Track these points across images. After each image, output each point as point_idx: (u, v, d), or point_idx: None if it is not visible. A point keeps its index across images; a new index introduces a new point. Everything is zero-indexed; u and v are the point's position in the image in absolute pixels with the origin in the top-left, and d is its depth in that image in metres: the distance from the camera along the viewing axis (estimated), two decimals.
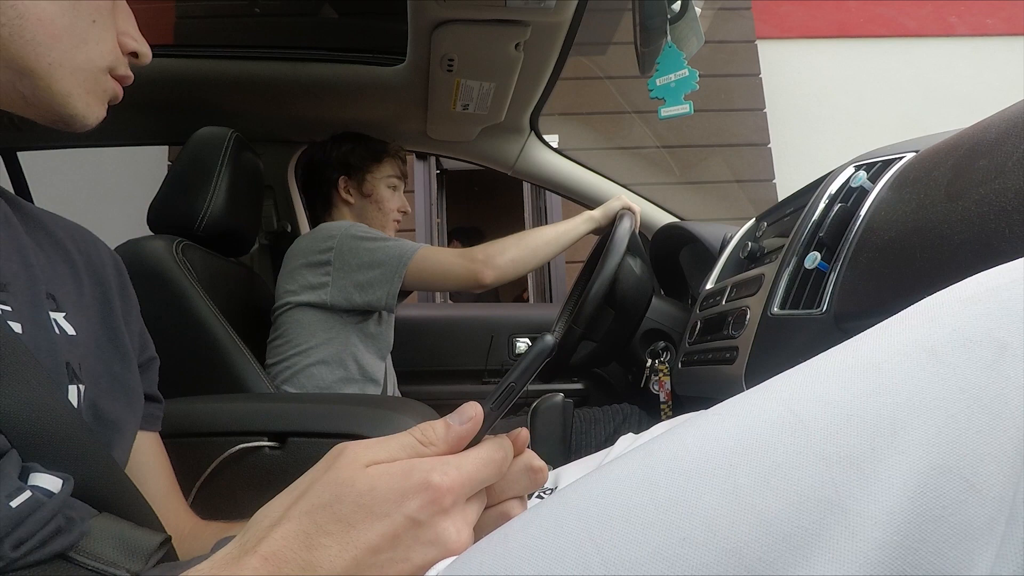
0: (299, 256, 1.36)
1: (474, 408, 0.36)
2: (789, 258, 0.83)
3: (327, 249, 1.32)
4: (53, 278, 0.54)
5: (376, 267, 1.30)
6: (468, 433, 0.35)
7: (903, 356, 0.27)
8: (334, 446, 0.34)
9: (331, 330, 1.33)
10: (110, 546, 0.44)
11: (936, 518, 0.23)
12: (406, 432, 0.35)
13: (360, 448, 0.33)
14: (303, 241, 1.40)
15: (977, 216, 0.50)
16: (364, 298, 1.31)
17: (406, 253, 1.31)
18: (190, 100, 1.61)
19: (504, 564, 0.27)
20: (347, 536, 0.30)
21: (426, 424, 0.35)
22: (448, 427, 0.35)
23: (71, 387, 0.50)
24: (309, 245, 1.36)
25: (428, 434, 0.35)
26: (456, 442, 0.35)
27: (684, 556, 0.24)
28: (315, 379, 1.32)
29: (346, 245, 1.31)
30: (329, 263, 1.31)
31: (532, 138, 1.78)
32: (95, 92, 0.51)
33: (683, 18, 1.20)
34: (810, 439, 0.25)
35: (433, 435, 0.35)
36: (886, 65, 3.99)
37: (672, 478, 0.26)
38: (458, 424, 0.35)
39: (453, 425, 0.35)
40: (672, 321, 1.30)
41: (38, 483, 0.42)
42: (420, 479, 0.31)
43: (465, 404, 0.36)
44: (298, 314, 1.34)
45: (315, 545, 0.30)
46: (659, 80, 1.21)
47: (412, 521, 0.31)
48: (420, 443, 0.34)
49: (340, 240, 1.32)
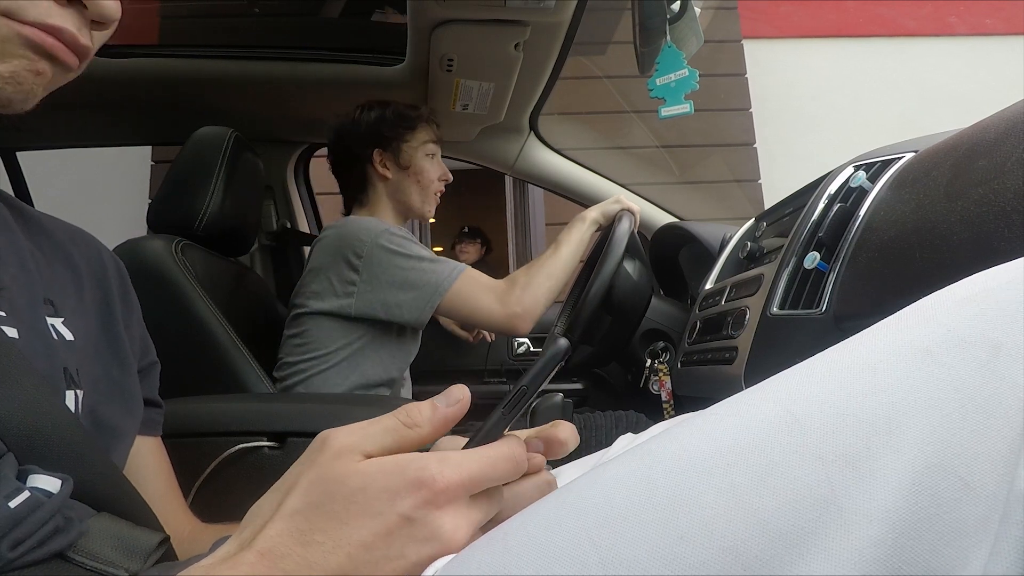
0: (326, 254, 1.30)
1: (461, 391, 0.35)
2: (788, 258, 0.83)
3: (356, 255, 1.25)
4: (52, 283, 0.53)
5: (408, 290, 1.25)
6: (454, 415, 0.34)
7: (898, 356, 0.27)
8: (318, 435, 0.33)
9: (352, 336, 1.29)
10: (108, 545, 0.44)
11: (931, 516, 0.24)
12: (390, 414, 0.34)
13: (344, 437, 0.32)
14: (330, 238, 1.32)
15: (976, 216, 0.50)
16: (390, 316, 1.26)
17: (443, 282, 1.24)
18: (189, 100, 1.61)
19: (503, 562, 0.27)
20: (340, 533, 0.30)
21: (411, 405, 0.34)
22: (434, 408, 0.34)
23: (69, 392, 0.49)
24: (337, 245, 1.29)
25: (413, 415, 0.34)
26: (442, 424, 0.34)
27: (682, 554, 0.24)
28: (330, 383, 1.29)
29: (376, 257, 1.25)
30: (357, 271, 1.25)
31: (532, 138, 1.78)
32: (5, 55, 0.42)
33: (682, 18, 1.20)
34: (806, 438, 0.26)
35: (419, 416, 0.34)
36: (883, 65, 3.99)
37: (669, 477, 0.27)
38: (444, 406, 0.34)
39: (439, 406, 0.34)
40: (671, 321, 1.30)
41: (37, 484, 0.42)
42: (413, 476, 0.31)
43: (453, 386, 0.35)
44: (320, 318, 1.29)
45: (309, 541, 0.30)
46: (659, 80, 1.21)
47: (405, 519, 0.30)
48: (405, 425, 0.33)
49: (370, 249, 1.25)
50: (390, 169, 1.41)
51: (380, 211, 1.44)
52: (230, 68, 1.54)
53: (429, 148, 1.43)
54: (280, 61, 1.55)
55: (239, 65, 1.55)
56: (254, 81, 1.57)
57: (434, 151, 1.44)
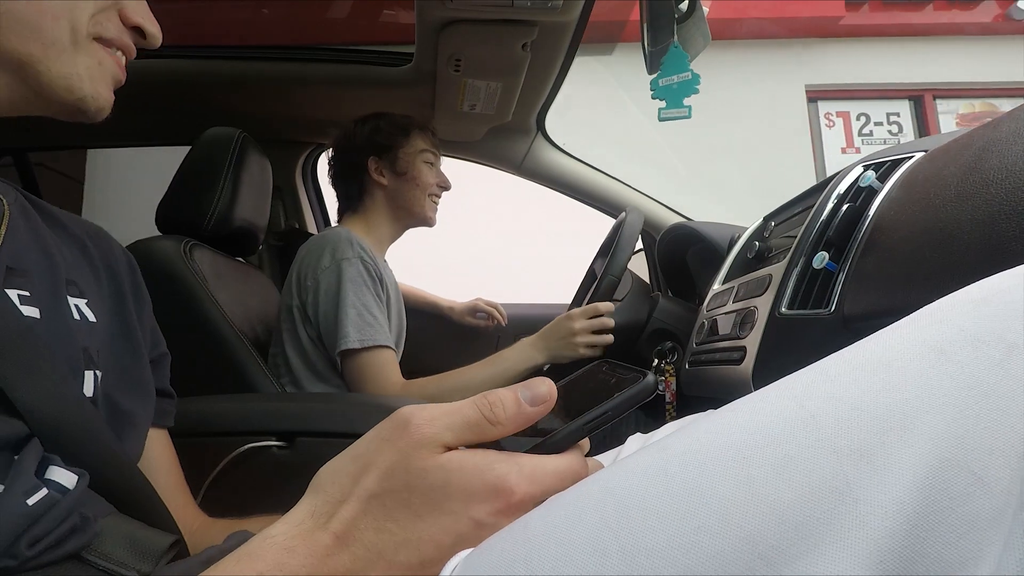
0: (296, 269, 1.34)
1: (547, 386, 0.35)
2: (797, 258, 0.83)
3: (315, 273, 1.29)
4: (73, 267, 0.55)
5: (329, 319, 1.25)
6: (537, 415, 0.35)
7: (913, 355, 0.27)
8: (396, 411, 0.34)
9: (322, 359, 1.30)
10: (121, 546, 0.44)
11: (944, 510, 0.24)
12: (472, 403, 0.34)
13: (427, 426, 0.32)
14: (306, 248, 1.36)
15: (987, 216, 0.49)
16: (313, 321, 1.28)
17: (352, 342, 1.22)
18: (198, 100, 1.62)
19: (525, 550, 0.28)
20: (413, 526, 0.31)
21: (495, 397, 0.34)
22: (519, 406, 0.34)
23: (88, 372, 0.50)
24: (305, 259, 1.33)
25: (497, 412, 0.34)
26: (524, 423, 0.34)
27: (699, 543, 0.25)
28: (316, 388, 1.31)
29: (331, 273, 1.27)
30: (317, 280, 1.28)
31: (539, 138, 1.78)
32: (92, 69, 0.50)
33: (691, 18, 1.19)
34: (821, 433, 0.26)
35: (502, 413, 0.34)
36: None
37: (687, 470, 0.27)
38: (529, 406, 0.34)
39: (524, 404, 0.34)
40: (679, 321, 1.30)
41: (54, 477, 0.42)
42: (492, 484, 0.31)
43: (535, 380, 0.35)
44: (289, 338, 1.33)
45: (382, 529, 0.31)
46: (661, 81, 1.19)
47: (477, 523, 0.31)
48: (488, 421, 0.34)
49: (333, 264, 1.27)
50: (386, 176, 1.44)
51: (375, 219, 1.46)
52: (238, 68, 1.55)
53: (427, 156, 1.46)
54: (288, 61, 1.56)
55: (247, 65, 1.55)
56: (262, 81, 1.57)
57: (432, 159, 1.47)
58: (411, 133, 1.45)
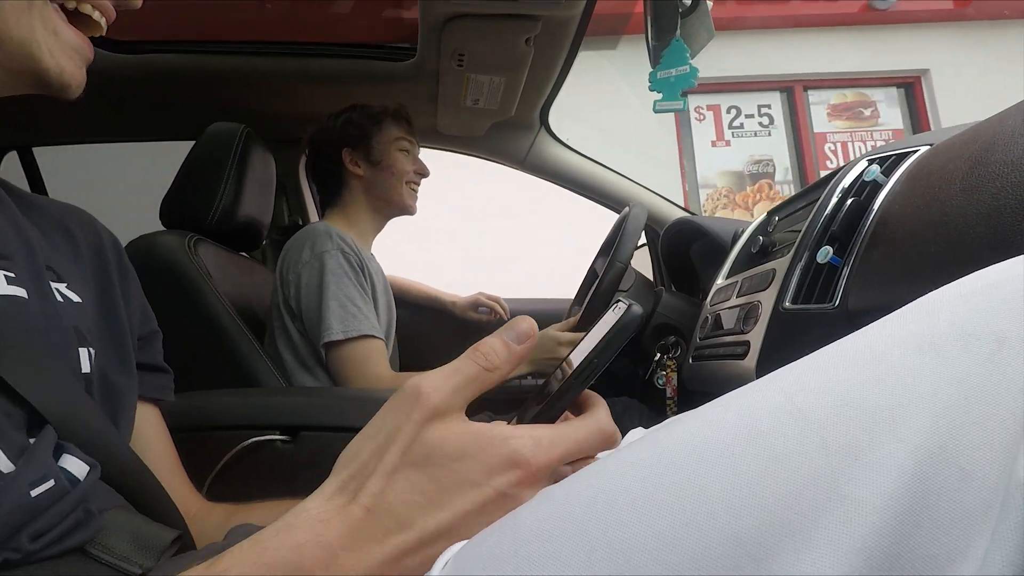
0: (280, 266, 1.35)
1: (528, 322, 0.36)
2: (801, 252, 0.82)
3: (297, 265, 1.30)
4: (51, 253, 0.54)
5: (312, 312, 1.26)
6: (526, 352, 0.36)
7: (902, 349, 0.27)
8: (406, 383, 0.34)
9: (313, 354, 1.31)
10: (124, 540, 0.44)
11: (932, 504, 0.24)
12: (467, 358, 0.35)
13: (436, 396, 0.33)
14: (290, 243, 1.37)
15: (993, 210, 0.49)
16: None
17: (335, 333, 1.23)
18: (201, 96, 1.62)
19: (513, 545, 0.28)
20: (440, 498, 0.32)
21: (485, 346, 0.35)
22: (508, 347, 0.36)
23: (82, 350, 0.50)
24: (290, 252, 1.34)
25: (491, 358, 0.35)
26: (517, 362, 0.36)
27: (687, 539, 0.25)
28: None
29: (313, 266, 1.28)
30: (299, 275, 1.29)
31: (542, 133, 1.78)
32: (49, 41, 0.46)
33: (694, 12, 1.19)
34: (810, 428, 0.26)
35: (496, 358, 0.35)
36: None
37: (676, 465, 0.27)
38: (515, 343, 0.36)
39: (512, 344, 0.36)
40: (683, 316, 1.29)
41: (66, 466, 0.42)
42: (508, 456, 0.32)
43: (517, 319, 0.37)
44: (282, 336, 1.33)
45: (408, 502, 0.32)
46: (660, 73, 1.21)
47: (501, 494, 0.32)
48: (486, 369, 0.35)
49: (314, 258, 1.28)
50: (361, 166, 1.45)
51: (356, 212, 1.46)
52: (241, 63, 1.55)
53: (401, 144, 1.46)
54: (291, 57, 1.56)
55: (250, 60, 1.55)
56: (265, 76, 1.57)
57: (407, 147, 1.47)
58: (383, 122, 1.46)
